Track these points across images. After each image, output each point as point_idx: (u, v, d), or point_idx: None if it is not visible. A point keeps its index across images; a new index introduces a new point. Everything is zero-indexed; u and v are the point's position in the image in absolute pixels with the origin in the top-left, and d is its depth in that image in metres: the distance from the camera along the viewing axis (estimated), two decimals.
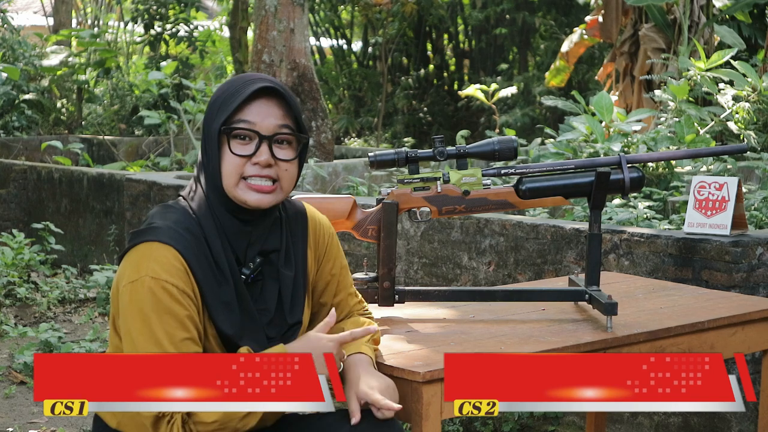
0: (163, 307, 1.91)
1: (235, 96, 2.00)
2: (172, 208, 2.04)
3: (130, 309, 1.93)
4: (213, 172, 2.02)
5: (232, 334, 2.00)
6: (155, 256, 1.94)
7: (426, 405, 2.07)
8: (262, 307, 2.07)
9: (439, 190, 2.52)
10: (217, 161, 2.01)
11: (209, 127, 2.02)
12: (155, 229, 1.98)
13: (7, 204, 7.61)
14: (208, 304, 1.98)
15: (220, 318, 1.99)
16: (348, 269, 2.27)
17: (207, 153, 2.03)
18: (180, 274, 1.94)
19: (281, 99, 2.03)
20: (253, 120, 2.00)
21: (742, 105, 6.08)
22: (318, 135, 8.16)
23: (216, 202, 2.03)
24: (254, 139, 2.01)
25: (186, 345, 1.92)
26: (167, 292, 1.92)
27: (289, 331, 2.10)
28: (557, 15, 13.95)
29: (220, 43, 16.97)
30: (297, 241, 2.15)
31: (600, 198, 2.52)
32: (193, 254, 1.96)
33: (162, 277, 1.92)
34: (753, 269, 3.45)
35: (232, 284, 2.01)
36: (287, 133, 2.03)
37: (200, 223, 2.01)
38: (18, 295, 5.96)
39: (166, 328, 1.91)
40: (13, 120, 10.77)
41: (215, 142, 2.01)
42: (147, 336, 1.91)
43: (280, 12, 8.05)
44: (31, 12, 18.41)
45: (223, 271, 2.00)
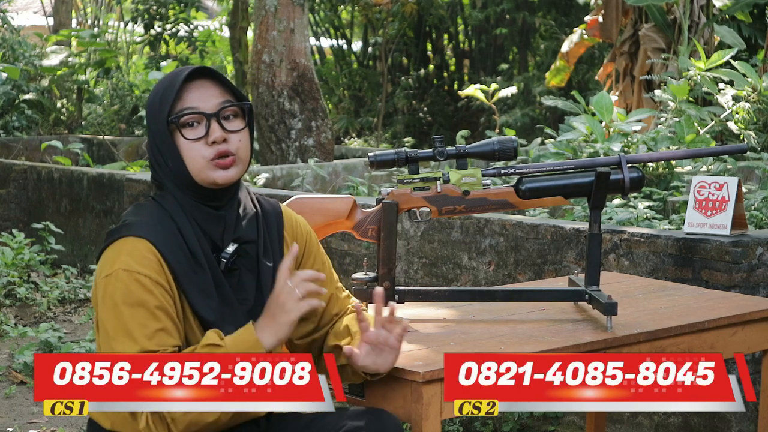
0: (135, 298, 1.94)
1: (170, 88, 2.05)
2: (144, 206, 2.09)
3: (103, 302, 1.96)
4: (174, 167, 2.05)
5: (212, 320, 2.01)
6: (128, 250, 1.98)
7: (426, 405, 2.07)
8: (242, 296, 2.08)
9: (439, 190, 2.52)
10: (176, 154, 2.04)
11: (156, 126, 2.05)
12: (128, 225, 2.02)
13: (7, 204, 7.61)
14: (186, 293, 2.00)
15: (200, 305, 2.01)
16: (331, 265, 2.28)
17: (161, 152, 2.06)
18: (153, 264, 1.97)
19: (213, 78, 2.08)
20: (194, 104, 2.05)
21: (742, 105, 6.08)
22: (318, 135, 8.16)
23: (182, 195, 2.06)
24: (202, 121, 2.05)
25: (159, 336, 1.93)
26: (139, 283, 1.94)
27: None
28: (557, 15, 13.95)
29: (220, 43, 16.97)
30: (273, 237, 2.17)
31: (600, 198, 2.52)
32: (166, 245, 1.99)
33: (134, 269, 1.95)
34: (753, 269, 3.45)
35: (209, 272, 2.03)
36: (230, 105, 2.07)
37: (172, 217, 2.04)
38: (18, 295, 5.96)
39: (139, 319, 1.93)
40: (13, 120, 10.77)
41: (167, 136, 2.04)
42: (119, 328, 1.93)
43: (280, 12, 8.05)
44: (31, 12, 18.41)
45: (199, 259, 2.02)
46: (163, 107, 2.04)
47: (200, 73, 2.07)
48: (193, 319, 2.02)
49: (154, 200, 2.09)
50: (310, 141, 8.11)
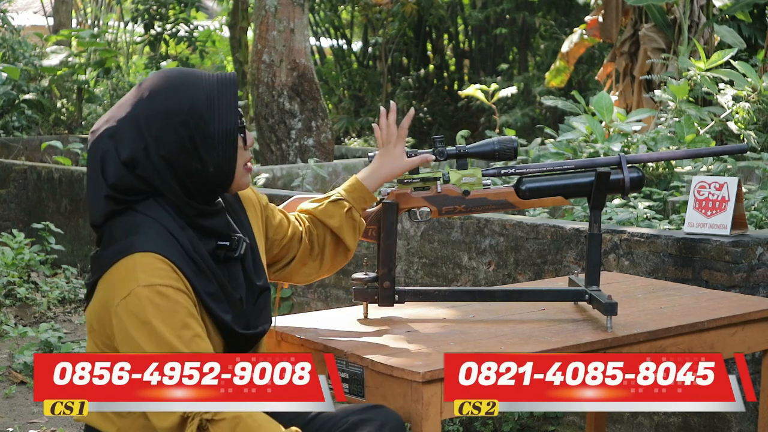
0: (164, 310, 1.89)
1: (224, 96, 2.02)
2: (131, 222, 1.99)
3: (131, 324, 1.89)
4: (221, 171, 2.02)
5: (228, 321, 2.02)
6: (139, 267, 1.91)
7: (426, 405, 2.07)
8: (236, 283, 2.09)
9: (439, 190, 2.52)
10: (231, 161, 2.03)
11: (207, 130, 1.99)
12: (127, 245, 1.95)
13: (7, 204, 7.61)
14: (201, 297, 1.99)
15: (215, 309, 2.01)
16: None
17: (201, 156, 2.00)
18: (169, 273, 1.93)
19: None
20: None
21: (742, 105, 6.08)
22: (318, 135, 8.16)
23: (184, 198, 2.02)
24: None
25: (196, 343, 1.91)
26: (163, 295, 1.90)
27: (260, 297, 2.13)
28: (557, 15, 13.95)
29: (220, 43, 16.98)
30: (238, 211, 2.20)
31: (600, 198, 2.52)
32: (171, 253, 1.96)
33: (154, 282, 1.90)
34: (753, 269, 3.45)
35: (212, 276, 2.02)
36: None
37: (163, 225, 1.99)
38: (18, 295, 5.96)
39: (174, 330, 1.89)
40: (13, 120, 10.76)
41: (233, 145, 2.02)
42: (157, 343, 1.88)
43: (280, 12, 8.05)
44: (31, 12, 18.40)
45: (197, 262, 2.00)
46: (228, 114, 2.01)
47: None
48: (210, 323, 2.01)
49: (136, 212, 2.00)
50: (310, 141, 8.11)
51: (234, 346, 2.06)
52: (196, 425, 1.86)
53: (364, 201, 2.40)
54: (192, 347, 1.90)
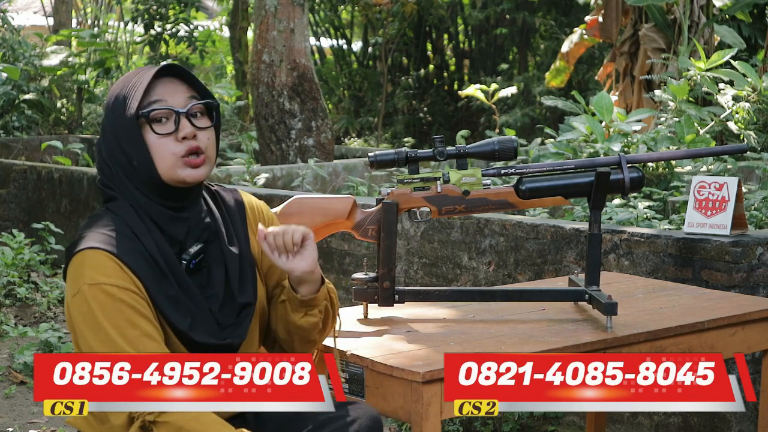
0: (108, 309, 1.90)
1: (138, 84, 2.01)
2: (97, 216, 2.04)
3: (79, 322, 1.92)
4: (141, 164, 2.00)
5: (184, 329, 1.98)
6: (89, 263, 1.93)
7: (426, 405, 2.07)
8: (211, 293, 2.05)
9: (439, 190, 2.52)
10: (144, 151, 2.00)
11: (121, 121, 2.00)
12: (83, 239, 1.97)
13: (7, 204, 7.61)
14: (155, 301, 1.97)
15: (170, 313, 1.97)
16: None
17: (124, 150, 2.00)
18: (116, 272, 1.93)
19: (180, 76, 2.05)
20: (163, 98, 2.01)
21: (742, 105, 6.08)
22: (318, 135, 8.16)
23: (143, 198, 2.01)
24: (171, 116, 2.01)
25: (142, 342, 1.90)
26: (108, 293, 1.91)
27: (242, 313, 2.08)
28: (557, 15, 13.95)
29: (220, 43, 16.97)
30: (236, 223, 2.15)
31: (600, 198, 2.52)
32: (125, 252, 1.95)
33: (100, 281, 1.91)
34: (753, 269, 3.45)
35: (172, 277, 1.99)
36: (197, 103, 2.04)
37: (128, 224, 2.00)
38: (18, 295, 5.96)
39: (118, 329, 1.90)
40: (13, 120, 10.76)
41: (135, 132, 1.99)
42: (102, 341, 1.89)
43: (280, 12, 8.05)
44: (31, 12, 18.40)
45: (159, 264, 1.98)
46: (132, 102, 1.99)
47: (167, 70, 2.04)
48: (167, 326, 1.99)
49: (107, 209, 2.04)
50: (310, 141, 8.11)
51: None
52: (138, 426, 1.87)
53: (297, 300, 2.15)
54: (138, 347, 1.89)
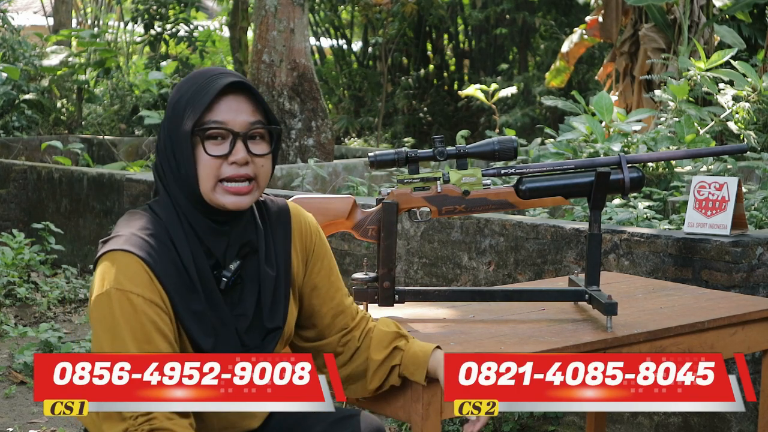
0: (131, 319, 1.85)
1: (202, 94, 1.92)
2: (138, 215, 1.97)
3: (99, 323, 1.87)
4: (186, 176, 1.93)
5: (207, 347, 1.93)
6: (119, 267, 1.87)
7: (426, 405, 2.07)
8: (240, 312, 1.99)
9: (439, 190, 2.52)
10: (191, 165, 1.92)
11: (178, 130, 1.92)
12: (119, 238, 1.91)
13: (7, 204, 7.61)
14: (179, 314, 1.91)
15: (193, 328, 1.92)
16: (338, 272, 2.18)
17: (176, 158, 1.93)
18: (146, 282, 1.87)
19: (248, 93, 1.96)
20: (224, 119, 1.92)
21: (742, 105, 6.08)
22: (318, 135, 8.16)
23: (188, 206, 1.94)
24: (227, 137, 1.91)
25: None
26: (132, 303, 1.85)
27: (268, 336, 2.02)
28: (557, 15, 13.95)
29: (220, 43, 16.97)
30: (278, 240, 2.07)
31: (600, 198, 2.52)
32: (157, 261, 1.89)
33: (126, 288, 1.85)
34: (753, 269, 3.45)
35: (202, 293, 1.93)
36: (260, 127, 1.95)
37: (167, 229, 1.93)
38: (18, 295, 5.96)
39: (136, 342, 1.85)
40: (13, 120, 10.77)
41: (187, 144, 1.91)
42: (117, 349, 1.85)
43: (280, 12, 8.05)
44: (31, 12, 18.41)
45: (192, 278, 1.92)
46: (191, 113, 1.91)
47: (236, 86, 1.94)
48: (188, 342, 1.94)
49: (150, 208, 1.97)
50: (310, 141, 8.11)
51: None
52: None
53: (415, 370, 2.11)
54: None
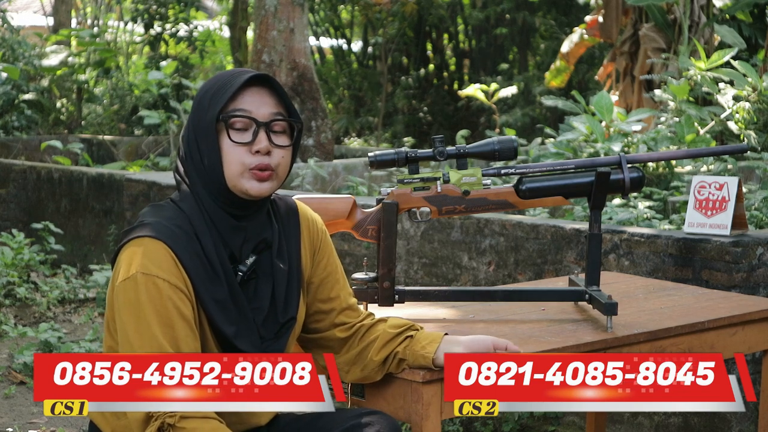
0: (157, 303, 1.89)
1: (227, 87, 2.00)
2: (162, 207, 2.03)
3: (124, 307, 1.91)
4: (211, 166, 1.99)
5: (230, 334, 1.97)
6: (146, 252, 1.92)
7: (426, 405, 2.07)
8: (256, 305, 2.04)
9: (439, 190, 2.52)
10: (215, 154, 1.99)
11: (202, 120, 2.00)
12: (145, 226, 1.96)
13: (7, 204, 7.61)
14: (203, 301, 1.96)
15: (217, 316, 1.97)
16: (342, 270, 2.25)
17: (200, 148, 2.00)
18: (171, 268, 1.92)
19: (271, 88, 2.03)
20: (248, 108, 2.00)
21: (742, 105, 6.08)
22: (318, 135, 8.16)
23: (208, 199, 2.01)
24: (251, 127, 2.00)
25: (184, 342, 1.90)
26: (158, 288, 1.90)
27: (282, 328, 2.08)
28: (557, 15, 13.95)
29: (220, 43, 16.96)
30: (290, 236, 2.14)
31: (600, 198, 2.52)
32: (183, 249, 1.94)
33: (153, 273, 1.90)
34: (753, 269, 3.45)
35: (225, 283, 1.98)
36: (282, 119, 2.02)
37: (191, 221, 1.99)
38: (18, 295, 5.96)
39: (161, 327, 1.89)
40: (13, 120, 10.77)
41: (212, 134, 1.99)
42: (143, 334, 1.89)
43: (280, 12, 8.05)
44: (31, 12, 18.41)
45: (215, 269, 1.97)
46: (216, 103, 1.99)
47: (260, 79, 2.02)
48: (209, 330, 1.98)
49: (173, 202, 2.03)
50: (310, 141, 8.11)
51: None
52: (156, 427, 1.86)
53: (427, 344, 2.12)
54: (179, 344, 1.90)
